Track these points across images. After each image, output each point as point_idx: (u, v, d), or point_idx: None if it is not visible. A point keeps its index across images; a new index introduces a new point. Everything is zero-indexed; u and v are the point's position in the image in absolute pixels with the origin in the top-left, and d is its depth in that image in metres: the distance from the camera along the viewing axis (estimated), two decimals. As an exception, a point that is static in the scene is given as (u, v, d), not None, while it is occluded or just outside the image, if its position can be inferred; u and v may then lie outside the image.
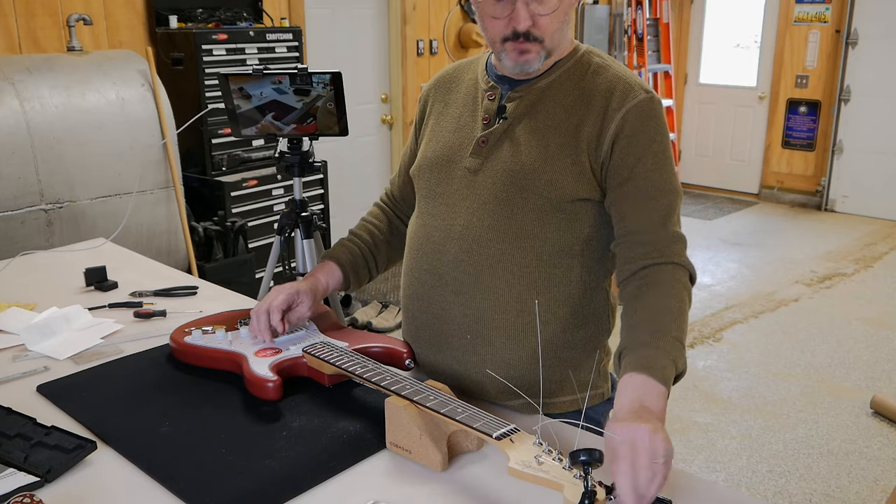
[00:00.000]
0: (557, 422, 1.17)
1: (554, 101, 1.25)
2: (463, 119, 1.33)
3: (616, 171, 1.22)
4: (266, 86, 2.60)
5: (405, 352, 1.30)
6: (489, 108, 1.30)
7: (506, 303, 1.24)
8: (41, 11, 3.36)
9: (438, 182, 1.32)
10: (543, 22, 1.20)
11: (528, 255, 1.23)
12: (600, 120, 1.22)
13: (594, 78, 1.26)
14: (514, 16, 1.19)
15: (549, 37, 1.22)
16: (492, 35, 1.24)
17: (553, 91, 1.26)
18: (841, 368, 3.64)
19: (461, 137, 1.31)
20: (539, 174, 1.22)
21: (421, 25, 5.06)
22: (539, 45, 1.21)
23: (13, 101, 2.88)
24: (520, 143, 1.25)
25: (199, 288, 1.78)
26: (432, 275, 1.29)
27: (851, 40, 6.11)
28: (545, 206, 1.23)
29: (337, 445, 1.12)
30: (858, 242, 5.65)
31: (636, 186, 1.21)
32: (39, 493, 1.00)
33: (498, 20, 1.21)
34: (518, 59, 1.22)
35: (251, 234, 3.71)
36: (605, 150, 1.22)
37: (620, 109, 1.21)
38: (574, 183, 1.22)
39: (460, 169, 1.29)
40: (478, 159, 1.27)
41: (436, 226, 1.30)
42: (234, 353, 1.31)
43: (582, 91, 1.25)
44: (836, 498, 2.69)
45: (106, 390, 1.30)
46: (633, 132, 1.21)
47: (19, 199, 2.89)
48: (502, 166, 1.25)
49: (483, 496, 1.02)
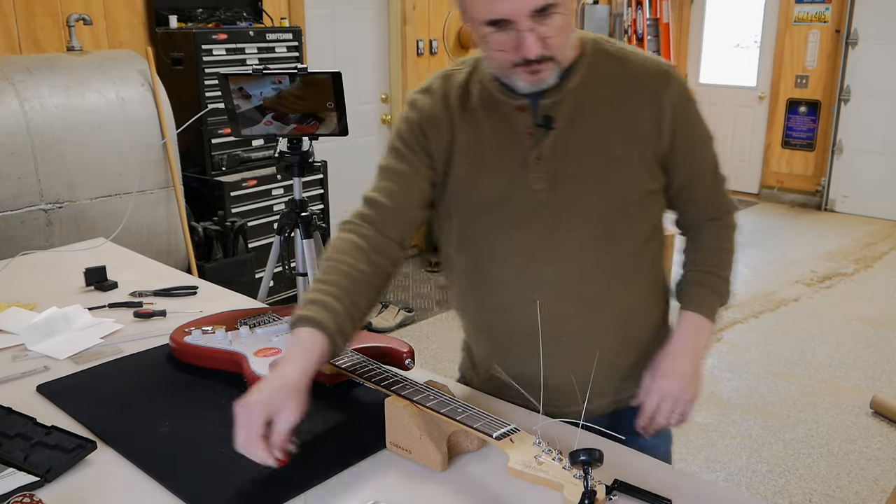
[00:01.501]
0: (557, 422, 1.17)
1: (595, 99, 1.21)
2: (502, 139, 1.23)
3: (679, 153, 1.24)
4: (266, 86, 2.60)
5: (405, 352, 1.30)
6: (527, 121, 1.21)
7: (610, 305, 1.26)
8: (41, 11, 3.36)
9: (505, 212, 1.23)
10: (553, 42, 1.13)
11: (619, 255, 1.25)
12: (653, 109, 1.21)
13: (620, 67, 1.23)
14: (521, 45, 1.11)
15: (560, 52, 1.16)
16: (500, 63, 1.16)
17: (588, 89, 1.22)
18: (841, 368, 3.64)
19: (511, 160, 1.22)
20: (615, 179, 1.21)
21: (421, 25, 5.06)
22: (551, 62, 1.15)
23: (13, 101, 2.88)
24: (581, 151, 1.21)
25: (199, 288, 1.78)
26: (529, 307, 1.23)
27: (851, 40, 6.11)
28: (625, 208, 1.22)
29: (337, 445, 1.12)
30: (858, 242, 5.65)
31: (699, 163, 1.28)
32: (39, 493, 1.00)
33: (505, 52, 1.13)
34: (532, 80, 1.16)
35: (251, 234, 3.71)
36: (667, 137, 1.22)
37: (667, 94, 1.21)
38: (645, 176, 1.23)
39: (526, 193, 1.22)
40: (541, 177, 1.20)
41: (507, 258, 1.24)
42: (234, 353, 1.31)
43: (616, 83, 1.22)
44: (836, 498, 2.69)
45: (106, 390, 1.30)
46: (683, 112, 1.23)
47: (19, 199, 2.89)
48: (575, 179, 1.20)
49: (483, 496, 1.02)
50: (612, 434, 1.09)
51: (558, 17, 1.11)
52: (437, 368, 3.61)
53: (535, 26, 1.10)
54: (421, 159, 1.28)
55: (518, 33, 1.10)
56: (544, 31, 1.11)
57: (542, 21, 1.10)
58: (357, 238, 1.24)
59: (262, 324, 1.41)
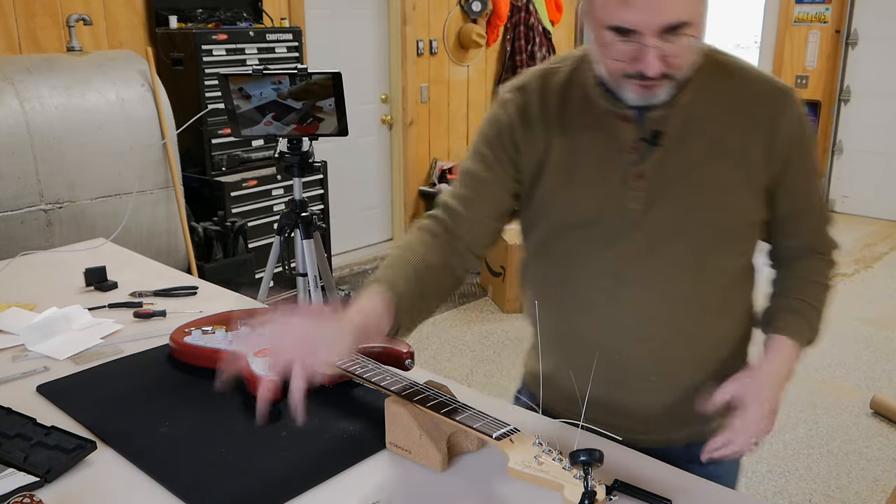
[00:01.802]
0: (557, 422, 1.16)
1: (707, 118, 1.13)
2: (600, 150, 1.16)
3: (786, 184, 1.16)
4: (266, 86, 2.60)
5: (405, 352, 1.30)
6: (630, 134, 1.13)
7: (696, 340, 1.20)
8: (41, 11, 3.36)
9: (596, 229, 1.17)
10: (676, 62, 1.05)
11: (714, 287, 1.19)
12: (767, 135, 1.13)
13: (737, 84, 1.15)
14: (642, 59, 1.03)
15: (682, 72, 1.08)
16: (610, 70, 1.08)
17: (699, 105, 1.13)
18: (841, 368, 3.64)
19: (609, 173, 1.15)
20: (719, 206, 1.13)
21: (421, 25, 5.06)
22: (669, 80, 1.07)
23: (13, 101, 2.88)
24: (687, 173, 1.13)
25: (198, 288, 1.78)
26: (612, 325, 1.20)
27: (851, 40, 6.11)
28: (725, 239, 1.16)
29: (337, 445, 1.12)
30: (858, 242, 5.65)
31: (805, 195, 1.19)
32: (39, 493, 1.00)
33: (622, 62, 1.06)
34: (643, 93, 1.08)
35: (251, 234, 3.71)
36: (776, 164, 1.14)
37: (782, 120, 1.13)
38: (754, 206, 1.16)
39: (620, 210, 1.15)
40: (640, 197, 1.13)
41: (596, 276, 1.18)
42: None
43: (729, 100, 1.14)
44: (836, 498, 2.69)
45: (106, 390, 1.30)
46: (799, 137, 1.15)
47: (19, 199, 2.89)
48: (675, 202, 1.13)
49: (483, 496, 1.02)
50: (611, 434, 1.09)
51: (687, 38, 1.03)
52: (437, 368, 3.61)
53: (660, 43, 1.02)
54: (506, 169, 1.20)
55: (641, 47, 1.02)
56: (670, 50, 1.03)
57: (670, 39, 1.02)
58: (429, 237, 1.21)
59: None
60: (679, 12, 1.01)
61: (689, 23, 1.02)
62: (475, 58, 5.48)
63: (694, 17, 1.03)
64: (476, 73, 5.54)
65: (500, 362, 3.77)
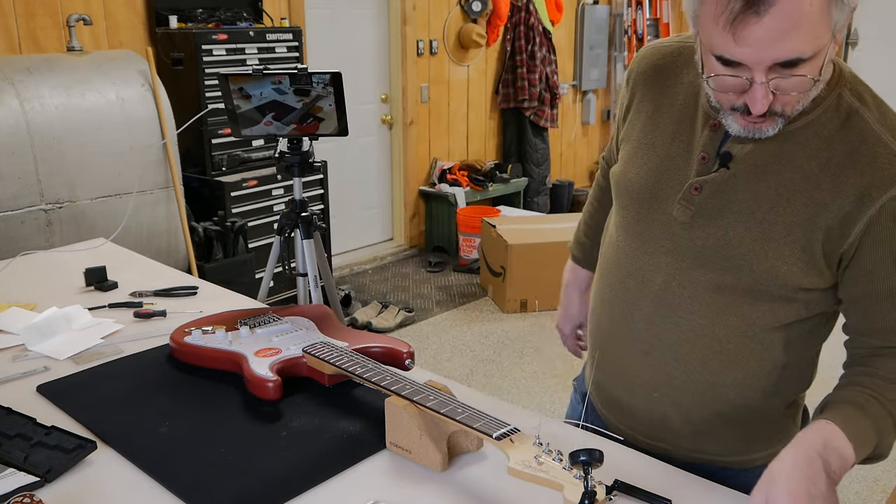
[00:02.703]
0: (557, 422, 1.16)
1: (796, 161, 1.01)
2: (678, 142, 1.10)
3: (861, 264, 1.00)
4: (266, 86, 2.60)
5: (405, 352, 1.30)
6: (710, 144, 1.06)
7: (698, 373, 1.13)
8: (41, 11, 3.36)
9: (638, 219, 1.14)
10: (788, 99, 0.94)
11: (731, 333, 1.09)
12: (851, 202, 0.97)
13: (848, 133, 0.99)
14: (749, 95, 0.93)
15: (792, 110, 0.97)
16: (719, 100, 1.00)
17: (797, 145, 1.01)
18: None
19: (672, 170, 1.10)
20: (760, 257, 1.02)
21: (421, 25, 5.06)
22: (778, 117, 0.98)
23: (13, 101, 2.88)
24: (741, 209, 1.03)
25: (199, 288, 1.78)
26: (622, 327, 1.19)
27: (851, 40, 6.11)
28: (759, 292, 1.05)
29: (337, 445, 1.12)
30: (858, 242, 5.64)
31: (884, 287, 0.99)
32: (39, 493, 1.00)
33: (728, 94, 0.97)
34: (748, 128, 0.99)
35: (251, 234, 3.72)
36: (850, 241, 0.99)
37: (882, 196, 0.96)
38: (800, 273, 1.02)
39: (665, 212, 1.10)
40: (687, 210, 1.07)
41: (630, 272, 1.16)
42: (234, 353, 1.31)
43: (831, 153, 0.99)
44: (836, 498, 2.69)
45: (106, 390, 1.30)
46: (893, 223, 0.96)
47: (19, 199, 2.89)
48: (716, 232, 1.05)
49: (483, 496, 1.02)
50: (611, 434, 1.09)
51: (803, 76, 0.91)
52: (437, 368, 3.62)
53: (772, 79, 0.92)
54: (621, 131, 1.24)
55: (750, 82, 0.93)
56: (783, 87, 0.92)
57: (783, 75, 0.91)
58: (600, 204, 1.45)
59: (262, 324, 1.41)
60: (797, 47, 0.88)
61: (808, 58, 0.89)
62: (475, 58, 5.48)
63: (817, 50, 0.90)
64: (476, 73, 5.54)
65: (500, 362, 3.77)
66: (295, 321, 1.43)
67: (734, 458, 1.20)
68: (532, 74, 5.58)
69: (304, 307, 1.49)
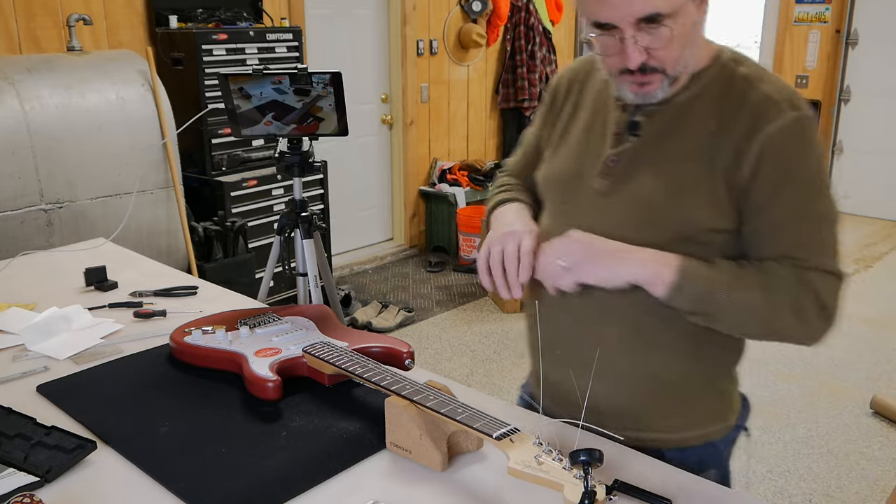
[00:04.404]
0: (557, 422, 1.17)
1: (693, 122, 1.14)
2: (593, 131, 1.24)
3: (756, 198, 1.10)
4: (266, 86, 2.60)
5: (405, 352, 1.30)
6: (620, 121, 1.19)
7: (631, 337, 1.19)
8: (41, 11, 3.36)
9: (563, 200, 1.25)
10: (659, 54, 1.08)
11: None
12: (741, 143, 1.10)
13: (738, 94, 1.13)
14: (624, 52, 1.07)
15: (671, 65, 1.10)
16: (607, 68, 1.14)
17: (692, 109, 1.15)
18: (841, 368, 3.64)
19: (589, 153, 1.22)
20: (674, 207, 1.13)
21: (421, 25, 5.06)
22: (660, 74, 1.10)
23: (13, 101, 2.88)
24: (652, 170, 1.15)
25: (199, 288, 1.78)
26: (558, 304, 1.23)
27: (851, 40, 6.11)
28: (678, 238, 1.13)
29: (337, 445, 1.12)
30: (858, 242, 5.65)
31: (778, 213, 1.10)
32: (39, 493, 1.00)
33: (610, 56, 1.11)
34: (638, 91, 1.13)
35: (251, 234, 3.72)
36: (744, 177, 1.10)
37: (762, 131, 1.09)
38: (712, 214, 1.12)
39: (588, 188, 1.21)
40: (606, 181, 1.19)
41: None
42: (234, 353, 1.31)
43: (724, 111, 1.13)
44: (836, 498, 2.69)
45: (106, 390, 1.30)
46: (777, 155, 1.08)
47: (19, 199, 2.89)
48: (633, 193, 1.16)
49: (483, 496, 1.02)
50: (611, 434, 1.09)
51: (666, 29, 1.05)
52: (437, 368, 3.62)
53: (640, 34, 1.05)
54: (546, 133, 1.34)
55: (622, 40, 1.07)
56: (649, 42, 1.06)
57: (649, 31, 1.05)
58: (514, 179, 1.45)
59: (262, 324, 1.41)
60: (654, 4, 1.03)
61: (667, 14, 1.04)
62: (475, 58, 5.48)
63: (674, 7, 1.04)
64: (476, 73, 5.53)
65: (500, 362, 3.77)
66: (295, 321, 1.43)
67: (674, 437, 1.24)
68: (532, 74, 5.57)
69: (304, 307, 1.49)
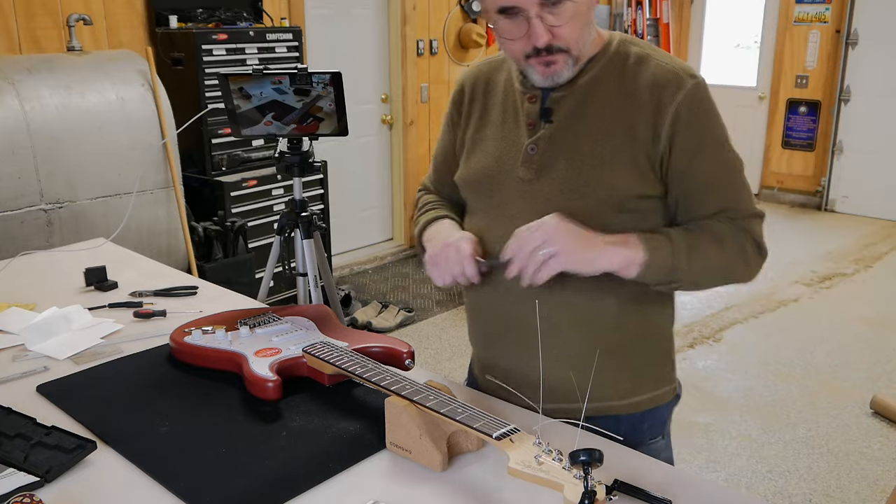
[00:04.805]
0: (557, 422, 1.17)
1: (600, 100, 1.21)
2: (507, 126, 1.29)
3: (677, 164, 1.19)
4: (266, 86, 2.60)
5: (405, 352, 1.30)
6: (532, 112, 1.25)
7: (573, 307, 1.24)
8: (41, 11, 3.36)
9: (491, 195, 1.29)
10: (563, 32, 1.14)
11: None
12: (653, 115, 1.18)
13: (637, 70, 1.21)
14: (530, 33, 1.14)
15: (574, 44, 1.17)
16: (514, 54, 1.20)
17: (597, 88, 1.22)
18: (841, 368, 3.64)
19: (508, 146, 1.27)
20: (597, 180, 1.19)
21: (421, 25, 5.06)
22: (564, 53, 1.17)
23: (13, 101, 2.88)
24: (572, 148, 1.21)
25: (199, 288, 1.78)
26: (493, 284, 1.27)
27: (851, 40, 6.11)
28: (607, 209, 1.19)
29: (337, 445, 1.12)
30: (858, 242, 5.65)
31: (700, 175, 1.20)
32: (39, 493, 1.00)
33: (517, 41, 1.16)
34: (546, 72, 1.18)
35: (251, 234, 3.71)
36: (662, 145, 1.18)
37: (672, 102, 1.17)
38: (635, 181, 1.19)
39: (513, 179, 1.25)
40: (530, 169, 1.24)
41: (492, 240, 1.27)
42: (234, 353, 1.31)
43: (627, 86, 1.20)
44: (836, 498, 2.69)
45: (106, 390, 1.30)
46: (688, 123, 1.18)
47: (19, 199, 2.89)
48: (557, 175, 1.21)
49: (483, 496, 1.02)
50: (611, 434, 1.09)
51: (569, 5, 1.12)
52: (437, 368, 3.62)
53: (543, 14, 1.12)
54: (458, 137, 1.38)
55: (527, 22, 1.12)
56: (553, 20, 1.13)
57: (552, 10, 1.12)
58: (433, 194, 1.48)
59: (262, 324, 1.41)
60: None
61: None
62: (475, 58, 5.48)
63: None
64: (476, 73, 5.53)
65: (500, 362, 3.76)
66: (295, 321, 1.43)
67: (625, 402, 1.29)
68: (532, 74, 5.57)
69: (304, 307, 1.49)
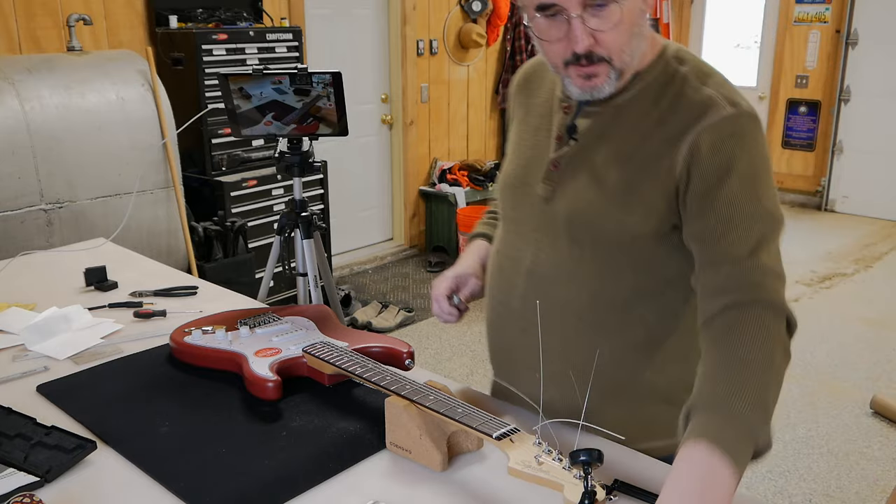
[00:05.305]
0: (557, 422, 1.16)
1: (629, 123, 1.10)
2: (540, 133, 1.21)
3: (693, 198, 1.05)
4: (266, 86, 2.60)
5: (405, 352, 1.30)
6: (562, 125, 1.16)
7: (574, 347, 1.16)
8: (41, 11, 3.36)
9: (514, 206, 1.24)
10: (606, 38, 1.03)
11: (595, 300, 1.14)
12: (676, 142, 1.06)
13: (677, 94, 1.09)
14: (570, 35, 1.03)
15: (617, 54, 1.05)
16: (552, 60, 1.09)
17: (630, 110, 1.11)
18: (841, 368, 3.64)
19: (537, 156, 1.20)
20: (610, 214, 1.09)
21: (421, 25, 5.06)
22: (606, 64, 1.05)
23: (13, 101, 2.88)
24: (591, 174, 1.12)
25: (199, 288, 1.78)
26: (505, 307, 1.24)
27: (851, 40, 6.11)
28: (618, 247, 1.11)
29: (337, 445, 1.12)
30: (858, 242, 5.65)
31: (716, 213, 1.03)
32: (39, 493, 1.00)
33: (554, 44, 1.05)
34: (585, 85, 1.07)
35: (251, 234, 3.71)
36: (679, 174, 1.05)
37: (696, 127, 1.04)
38: (650, 219, 1.08)
39: (533, 195, 1.18)
40: (549, 186, 1.16)
41: (507, 255, 1.24)
42: (234, 353, 1.31)
43: (661, 111, 1.09)
44: (836, 498, 2.69)
45: (106, 390, 1.30)
46: (710, 152, 1.03)
47: (19, 198, 2.89)
48: (572, 199, 1.13)
49: (483, 496, 1.02)
50: (612, 434, 1.09)
51: (615, 9, 1.01)
52: (437, 368, 3.61)
53: (586, 16, 1.01)
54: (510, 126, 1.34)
55: (568, 23, 1.02)
56: (596, 24, 1.01)
57: (596, 12, 1.01)
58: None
59: (262, 324, 1.41)
60: None
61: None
62: (475, 58, 5.48)
63: None
64: (476, 73, 5.53)
65: (500, 362, 3.76)
66: (295, 321, 1.43)
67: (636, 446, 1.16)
68: (532, 74, 5.57)
69: (304, 307, 1.49)
